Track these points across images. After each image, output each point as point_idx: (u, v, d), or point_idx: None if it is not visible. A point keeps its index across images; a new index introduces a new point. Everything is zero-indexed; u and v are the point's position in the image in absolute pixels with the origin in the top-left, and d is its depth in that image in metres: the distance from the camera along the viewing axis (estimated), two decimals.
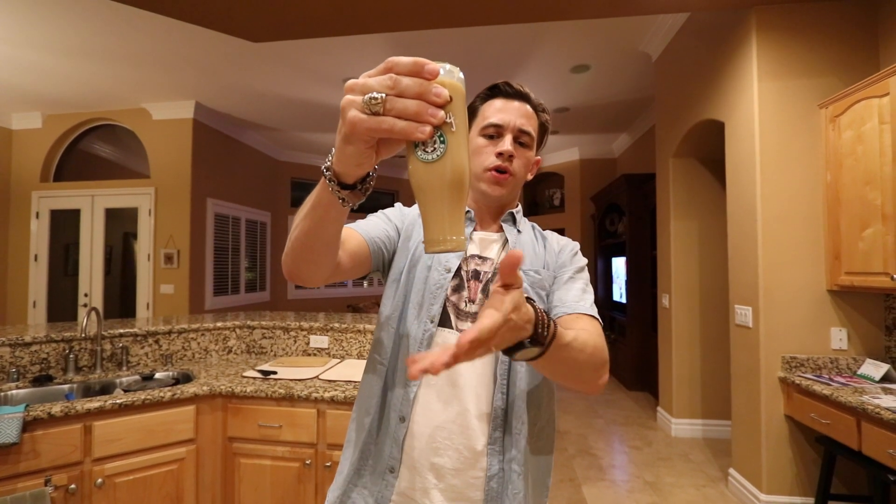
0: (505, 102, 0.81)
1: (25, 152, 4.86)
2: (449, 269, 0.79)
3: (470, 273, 0.80)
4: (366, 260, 0.79)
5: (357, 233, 0.79)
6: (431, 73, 0.39)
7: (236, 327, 2.37)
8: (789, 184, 2.28)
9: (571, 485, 2.61)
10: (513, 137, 0.79)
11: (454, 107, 0.41)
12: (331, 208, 0.53)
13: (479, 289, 0.79)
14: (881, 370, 2.03)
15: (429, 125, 0.39)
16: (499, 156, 0.79)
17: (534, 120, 0.83)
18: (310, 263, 0.63)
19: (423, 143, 0.41)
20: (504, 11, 2.50)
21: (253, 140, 5.93)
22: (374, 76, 0.40)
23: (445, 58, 3.71)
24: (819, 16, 2.28)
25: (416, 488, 0.74)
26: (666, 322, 3.47)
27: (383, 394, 0.79)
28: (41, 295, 4.76)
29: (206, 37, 3.27)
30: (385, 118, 0.39)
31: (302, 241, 0.59)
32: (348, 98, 0.41)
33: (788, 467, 2.25)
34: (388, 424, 0.77)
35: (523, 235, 0.86)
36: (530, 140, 0.81)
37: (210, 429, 1.79)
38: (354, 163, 0.46)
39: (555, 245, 0.88)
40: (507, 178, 0.80)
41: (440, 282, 0.78)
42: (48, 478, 1.48)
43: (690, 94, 3.02)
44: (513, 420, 0.75)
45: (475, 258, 0.82)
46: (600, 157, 6.71)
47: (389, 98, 0.39)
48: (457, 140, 0.41)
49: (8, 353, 1.88)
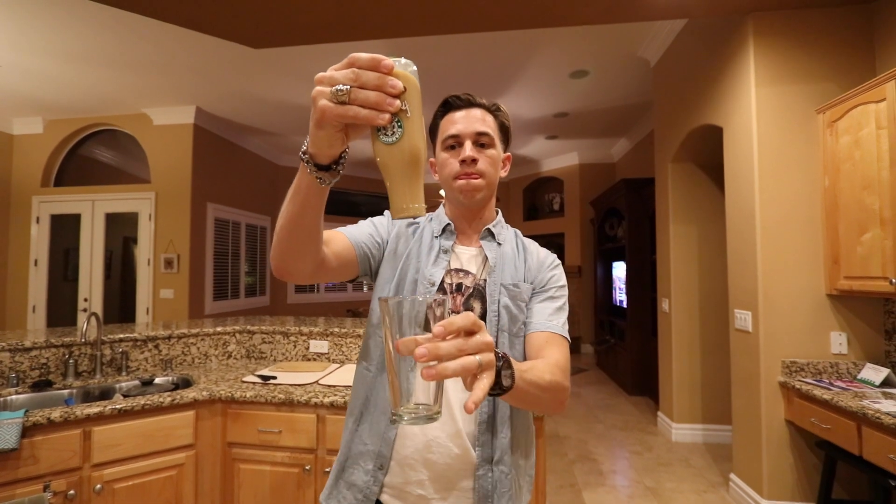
0: (458, 114, 0.86)
1: (26, 157, 4.88)
2: (433, 282, 0.83)
3: (453, 286, 0.85)
4: (352, 262, 0.83)
5: (344, 235, 0.83)
6: (387, 67, 0.45)
7: (236, 332, 2.37)
8: (788, 188, 2.29)
9: (572, 490, 2.60)
10: (472, 142, 0.83)
11: (408, 96, 0.47)
12: (311, 191, 0.58)
13: (461, 301, 0.84)
14: (881, 374, 2.03)
15: (387, 112, 0.45)
16: (462, 163, 0.83)
17: (489, 120, 0.86)
18: (294, 253, 0.67)
19: (384, 128, 0.47)
20: (503, 18, 2.52)
21: (253, 145, 5.95)
22: (339, 70, 0.46)
23: (445, 63, 3.73)
24: (816, 22, 2.30)
25: (410, 482, 0.77)
26: (666, 326, 3.47)
27: (372, 399, 0.83)
28: (41, 300, 4.76)
29: (206, 43, 3.29)
30: (350, 107, 0.45)
31: (286, 229, 0.63)
32: (318, 89, 0.47)
33: (789, 472, 2.24)
34: (379, 426, 0.81)
35: (504, 247, 0.90)
36: (490, 140, 0.85)
37: (209, 434, 1.79)
38: (327, 144, 0.52)
39: (535, 258, 0.91)
40: (475, 178, 0.83)
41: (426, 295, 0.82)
42: (47, 483, 1.48)
43: (689, 100, 3.04)
44: (498, 423, 0.80)
45: (458, 272, 0.86)
46: (599, 161, 6.73)
47: (353, 90, 0.45)
48: (412, 124, 0.48)
49: (7, 358, 1.88)
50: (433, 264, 0.85)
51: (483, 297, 0.84)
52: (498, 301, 0.83)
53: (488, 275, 0.86)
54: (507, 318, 0.83)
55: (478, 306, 0.84)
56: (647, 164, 4.88)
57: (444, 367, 0.43)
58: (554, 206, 7.51)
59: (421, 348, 0.43)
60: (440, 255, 0.87)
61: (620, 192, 4.82)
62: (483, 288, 0.85)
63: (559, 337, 0.81)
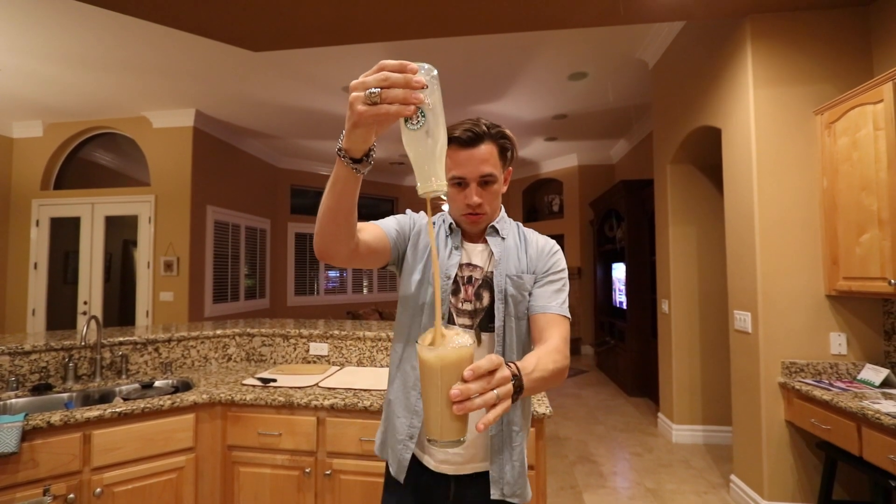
0: (463, 153, 0.92)
1: (26, 161, 4.88)
2: (449, 276, 0.97)
3: (464, 279, 0.98)
4: (384, 250, 0.95)
5: (378, 226, 0.96)
6: (412, 69, 0.56)
7: (236, 335, 2.37)
8: (786, 190, 2.29)
9: (572, 492, 2.60)
10: (477, 184, 0.93)
11: (430, 91, 0.56)
12: (348, 182, 0.69)
13: (472, 291, 0.97)
14: (881, 375, 2.03)
15: (413, 105, 0.55)
16: (467, 206, 0.94)
17: (493, 156, 0.93)
18: (334, 237, 0.77)
19: (410, 119, 0.57)
20: (502, 20, 2.52)
21: (253, 148, 5.95)
22: (370, 75, 0.56)
23: (445, 66, 3.74)
24: (813, 24, 2.31)
25: None
26: (666, 328, 3.47)
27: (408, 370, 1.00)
28: (40, 303, 4.76)
29: (206, 46, 3.30)
30: (382, 105, 0.55)
31: (328, 216, 0.74)
32: (354, 95, 0.57)
33: (790, 473, 2.24)
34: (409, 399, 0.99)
35: (508, 241, 1.01)
36: (493, 178, 0.94)
37: (209, 437, 1.79)
38: (361, 140, 0.63)
39: (535, 247, 1.02)
40: (480, 217, 0.96)
41: (444, 288, 0.96)
42: (47, 487, 1.47)
43: (687, 101, 3.05)
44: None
45: (468, 266, 0.99)
46: (598, 163, 6.74)
47: (384, 91, 0.55)
48: (434, 114, 0.57)
49: (7, 361, 1.88)
50: (448, 259, 0.98)
51: (491, 287, 0.97)
52: (504, 290, 0.96)
53: (495, 267, 0.98)
54: (512, 305, 0.96)
55: (486, 295, 0.97)
56: (646, 165, 4.89)
57: (470, 403, 0.55)
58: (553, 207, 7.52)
59: (454, 390, 0.55)
60: (453, 251, 1.00)
61: (620, 193, 4.83)
62: (491, 279, 0.97)
63: (559, 317, 0.93)
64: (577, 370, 5.72)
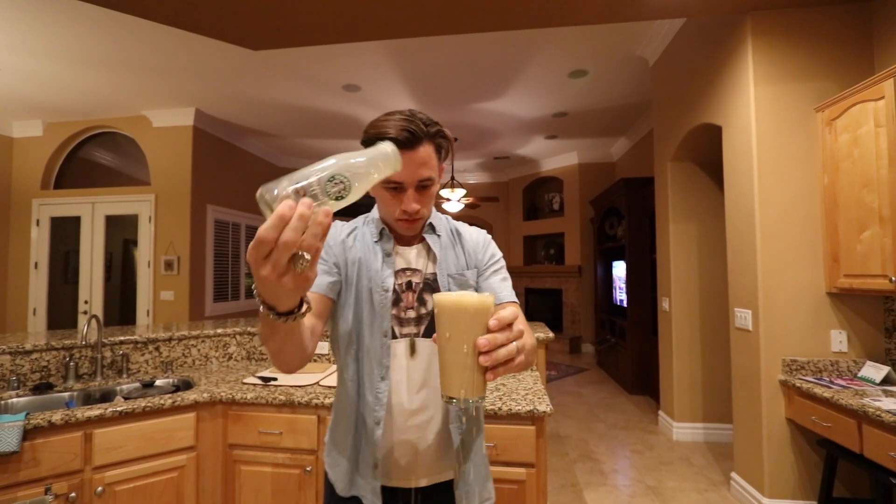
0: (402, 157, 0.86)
1: (26, 160, 4.88)
2: (386, 288, 0.89)
3: (403, 285, 0.91)
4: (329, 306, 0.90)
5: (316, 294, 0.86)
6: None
7: (236, 334, 2.37)
8: (787, 187, 2.29)
9: (573, 490, 2.60)
10: (414, 189, 0.84)
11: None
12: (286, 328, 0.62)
13: (414, 297, 0.90)
14: (882, 372, 2.03)
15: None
16: (404, 212, 0.85)
17: (432, 158, 0.84)
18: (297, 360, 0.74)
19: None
20: (502, 18, 2.52)
21: (253, 146, 5.95)
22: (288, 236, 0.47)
23: (445, 64, 3.73)
24: (814, 20, 2.30)
25: (399, 441, 0.87)
26: (666, 325, 3.47)
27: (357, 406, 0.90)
28: (41, 302, 4.76)
29: (205, 45, 3.29)
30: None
31: (281, 358, 0.71)
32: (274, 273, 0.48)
33: (790, 470, 2.24)
34: (366, 430, 0.89)
35: (442, 237, 0.96)
36: (431, 181, 0.85)
37: (210, 436, 1.79)
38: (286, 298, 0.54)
39: (470, 241, 0.99)
40: (417, 222, 0.89)
41: (383, 301, 0.88)
42: (48, 486, 1.48)
43: (688, 99, 3.04)
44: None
45: (405, 271, 0.92)
46: (599, 161, 6.73)
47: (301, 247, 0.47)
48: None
49: (8, 361, 1.88)
50: (381, 269, 0.90)
51: (434, 290, 0.91)
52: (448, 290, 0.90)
53: (438, 269, 0.92)
54: None
55: (430, 299, 0.90)
56: (647, 163, 4.88)
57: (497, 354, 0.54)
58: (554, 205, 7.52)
59: (482, 339, 0.53)
60: (385, 259, 0.91)
61: (620, 191, 4.82)
62: (432, 281, 0.92)
63: (513, 304, 0.89)
64: (577, 368, 5.72)
